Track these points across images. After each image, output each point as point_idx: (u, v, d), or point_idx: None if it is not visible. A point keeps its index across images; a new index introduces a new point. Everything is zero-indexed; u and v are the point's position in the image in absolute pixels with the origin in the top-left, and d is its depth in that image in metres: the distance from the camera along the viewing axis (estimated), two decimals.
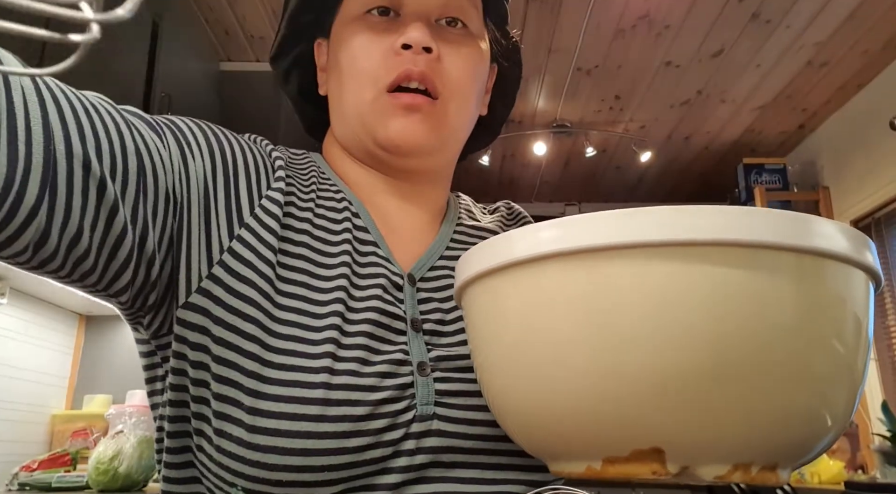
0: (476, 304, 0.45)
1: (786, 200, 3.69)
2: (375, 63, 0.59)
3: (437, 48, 0.59)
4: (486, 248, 0.43)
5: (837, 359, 0.39)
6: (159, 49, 2.29)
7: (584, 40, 2.95)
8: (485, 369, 0.46)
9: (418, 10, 0.60)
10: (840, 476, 2.38)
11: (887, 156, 3.16)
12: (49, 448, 2.43)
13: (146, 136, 0.50)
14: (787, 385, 0.37)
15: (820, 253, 0.38)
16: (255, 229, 0.55)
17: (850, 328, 0.39)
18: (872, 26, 2.83)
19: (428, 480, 0.53)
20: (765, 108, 3.52)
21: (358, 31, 0.61)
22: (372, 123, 0.60)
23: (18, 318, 2.36)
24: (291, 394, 0.50)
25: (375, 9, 0.61)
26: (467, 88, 0.62)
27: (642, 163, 4.02)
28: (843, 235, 0.39)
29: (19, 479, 1.92)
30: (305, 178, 0.64)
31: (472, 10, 0.63)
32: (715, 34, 2.90)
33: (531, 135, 3.78)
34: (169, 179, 0.51)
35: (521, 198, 4.69)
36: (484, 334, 0.45)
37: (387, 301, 0.58)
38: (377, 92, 0.59)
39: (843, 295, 0.39)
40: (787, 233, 0.37)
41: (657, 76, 3.23)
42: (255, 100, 2.97)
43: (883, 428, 2.37)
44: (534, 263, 0.40)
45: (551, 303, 0.39)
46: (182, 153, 0.54)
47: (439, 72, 0.59)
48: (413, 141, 0.59)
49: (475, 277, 0.44)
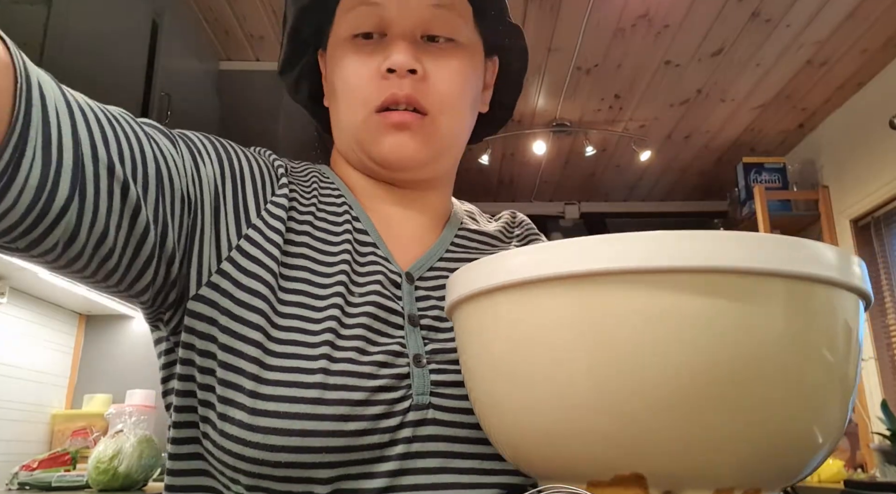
0: (466, 323, 0.46)
1: (785, 199, 3.70)
2: (364, 86, 0.62)
3: (423, 66, 0.62)
4: (477, 268, 0.43)
5: (825, 387, 0.39)
6: (159, 48, 2.29)
7: (583, 39, 2.95)
8: (474, 386, 0.46)
9: (402, 30, 0.62)
10: (840, 474, 2.38)
11: (887, 155, 3.16)
12: (49, 447, 2.43)
13: (162, 145, 0.54)
14: (772, 413, 0.37)
15: (809, 278, 0.37)
16: (262, 229, 0.59)
17: (838, 353, 0.39)
18: (872, 25, 2.83)
19: (424, 470, 0.55)
20: (764, 107, 3.52)
21: (347, 54, 0.63)
22: (366, 141, 0.63)
23: (18, 318, 2.36)
24: (291, 379, 0.53)
25: (360, 34, 0.63)
26: (457, 100, 0.64)
27: (642, 162, 4.02)
28: (832, 258, 0.39)
29: (19, 478, 1.93)
30: (307, 187, 0.67)
31: (458, 20, 0.64)
32: (714, 33, 2.90)
33: (531, 135, 3.78)
34: (183, 182, 0.55)
35: (520, 197, 4.69)
36: (473, 352, 0.45)
37: (385, 296, 0.60)
38: (368, 113, 0.62)
39: (831, 320, 0.39)
40: (776, 258, 0.37)
41: (657, 75, 3.23)
42: (255, 100, 2.97)
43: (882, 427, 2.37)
44: (523, 287, 0.40)
45: (538, 327, 0.40)
46: (194, 159, 0.57)
47: (425, 90, 0.62)
48: (405, 157, 0.62)
49: (466, 297, 0.44)
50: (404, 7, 0.62)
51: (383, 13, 0.62)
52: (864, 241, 3.43)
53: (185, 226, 0.55)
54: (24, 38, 1.71)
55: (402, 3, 0.61)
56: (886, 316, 3.29)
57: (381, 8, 0.62)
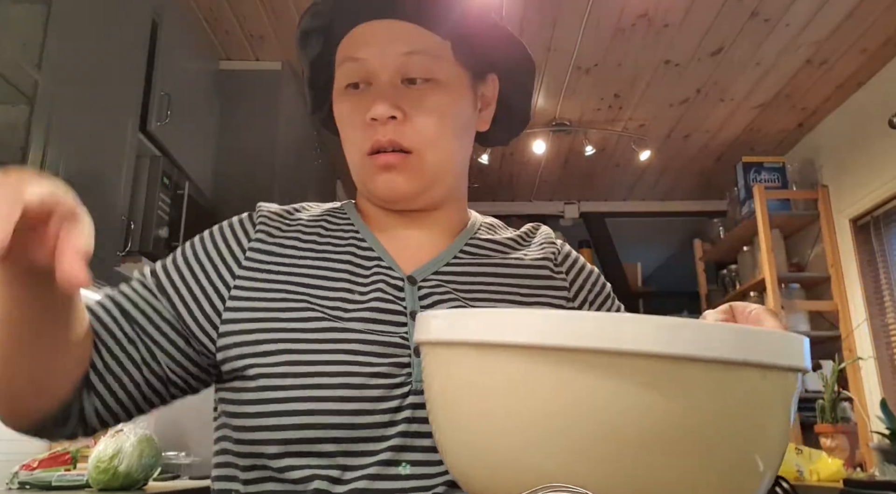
0: (426, 364, 0.49)
1: (785, 199, 3.70)
2: (357, 133, 0.71)
3: (403, 110, 0.69)
4: (439, 319, 0.46)
5: (741, 463, 0.41)
6: (159, 48, 2.29)
7: (583, 39, 2.96)
8: (434, 417, 0.49)
9: (383, 79, 0.70)
10: (839, 473, 2.38)
11: (886, 154, 3.16)
12: (49, 446, 2.43)
13: (148, 307, 0.68)
14: (682, 478, 0.39)
15: (723, 361, 0.39)
16: (252, 270, 0.69)
17: (769, 432, 0.42)
18: (871, 24, 2.84)
19: (423, 449, 0.61)
20: (764, 107, 3.52)
21: (342, 103, 0.73)
22: (364, 180, 0.73)
23: None
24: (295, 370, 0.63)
25: (350, 85, 0.72)
26: (438, 135, 0.71)
27: (641, 161, 4.02)
28: (749, 340, 0.40)
29: (19, 478, 1.92)
30: (297, 222, 0.76)
31: (433, 60, 0.71)
32: (714, 32, 2.90)
33: (530, 134, 3.78)
34: (171, 315, 0.68)
35: (520, 196, 4.69)
36: (434, 388, 0.48)
37: (387, 299, 0.67)
38: (361, 156, 0.71)
39: (759, 401, 0.41)
40: (693, 344, 0.38)
41: (656, 74, 3.24)
42: (255, 99, 2.97)
43: (881, 426, 2.37)
44: (479, 347, 0.43)
45: (479, 384, 0.43)
46: (165, 292, 0.69)
47: (407, 131, 0.69)
48: (397, 192, 0.71)
49: (424, 343, 0.48)
50: (382, 59, 0.70)
51: (366, 66, 0.71)
52: (863, 240, 3.43)
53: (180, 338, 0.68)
54: (25, 37, 1.71)
55: (380, 56, 0.70)
56: (886, 315, 3.29)
57: (363, 62, 0.71)
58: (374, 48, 0.70)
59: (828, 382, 2.78)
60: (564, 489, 0.37)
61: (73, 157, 1.81)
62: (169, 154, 2.39)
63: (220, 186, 2.86)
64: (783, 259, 3.73)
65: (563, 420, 0.39)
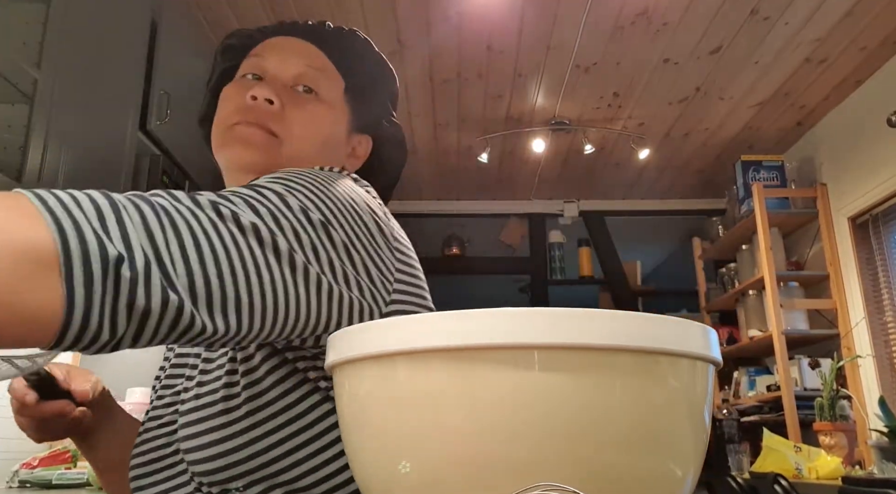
0: (337, 381, 0.48)
1: (784, 197, 3.70)
2: (230, 106, 0.78)
3: (283, 102, 0.77)
4: (351, 335, 0.44)
5: (668, 458, 0.42)
6: (159, 48, 2.29)
7: (582, 37, 2.96)
8: (344, 433, 0.47)
9: (275, 77, 0.80)
10: (837, 471, 2.39)
11: (885, 153, 3.16)
12: (49, 445, 2.43)
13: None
14: (614, 465, 0.40)
15: (646, 350, 0.40)
16: None
17: (686, 422, 0.42)
18: (870, 23, 2.84)
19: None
20: (763, 105, 3.53)
21: (231, 85, 0.81)
22: (219, 146, 0.81)
23: None
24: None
25: (250, 74, 0.81)
26: (306, 135, 0.77)
27: (640, 159, 4.02)
28: (670, 330, 0.41)
29: (20, 476, 1.93)
30: None
31: (325, 81, 0.81)
32: (713, 31, 2.91)
33: (529, 133, 3.78)
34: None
35: (519, 195, 4.69)
36: (342, 403, 0.47)
37: None
38: (226, 127, 0.78)
39: (675, 391, 0.42)
40: (621, 334, 0.39)
41: (655, 73, 3.24)
42: None
43: (880, 424, 2.38)
44: (377, 359, 0.42)
45: (382, 398, 0.42)
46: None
47: (277, 119, 0.76)
48: (245, 159, 0.78)
49: (346, 360, 0.46)
50: (282, 64, 0.80)
51: (265, 64, 0.80)
52: (861, 239, 3.43)
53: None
54: (24, 37, 1.71)
55: (281, 61, 0.80)
56: (884, 313, 3.29)
57: (265, 60, 0.80)
58: (278, 55, 0.80)
59: (826, 380, 2.79)
60: (555, 488, 0.37)
61: (73, 157, 1.81)
62: (169, 153, 2.39)
63: (219, 185, 2.85)
64: (782, 257, 3.73)
65: (472, 422, 0.39)
